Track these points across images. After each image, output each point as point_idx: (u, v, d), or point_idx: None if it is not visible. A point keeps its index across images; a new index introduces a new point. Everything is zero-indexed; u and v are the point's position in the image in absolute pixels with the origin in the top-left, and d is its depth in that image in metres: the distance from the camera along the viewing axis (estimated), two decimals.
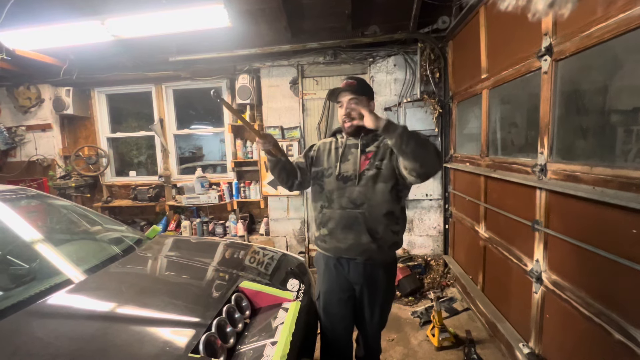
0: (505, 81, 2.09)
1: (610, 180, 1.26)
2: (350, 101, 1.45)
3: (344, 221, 1.46)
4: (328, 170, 1.53)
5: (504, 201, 2.17)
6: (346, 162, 1.50)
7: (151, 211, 4.15)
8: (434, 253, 3.56)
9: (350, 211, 1.45)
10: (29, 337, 1.02)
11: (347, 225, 1.46)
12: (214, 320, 1.19)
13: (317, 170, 1.57)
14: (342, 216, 1.46)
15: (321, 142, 1.66)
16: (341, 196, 1.47)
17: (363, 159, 1.48)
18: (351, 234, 1.46)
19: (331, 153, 1.57)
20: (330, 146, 1.59)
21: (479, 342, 2.31)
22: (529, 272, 1.81)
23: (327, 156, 1.57)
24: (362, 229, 1.44)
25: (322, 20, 3.15)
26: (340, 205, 1.47)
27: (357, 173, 1.46)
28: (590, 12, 1.33)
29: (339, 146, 1.56)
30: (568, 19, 1.47)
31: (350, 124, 1.48)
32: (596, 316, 1.35)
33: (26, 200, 1.89)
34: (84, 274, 1.42)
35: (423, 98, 3.25)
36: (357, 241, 1.45)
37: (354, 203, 1.45)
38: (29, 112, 4.05)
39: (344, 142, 1.55)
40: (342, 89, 1.46)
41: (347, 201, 1.46)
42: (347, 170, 1.48)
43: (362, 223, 1.44)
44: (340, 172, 1.49)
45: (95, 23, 2.61)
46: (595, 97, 1.54)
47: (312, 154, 1.63)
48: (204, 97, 5.05)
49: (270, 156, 1.51)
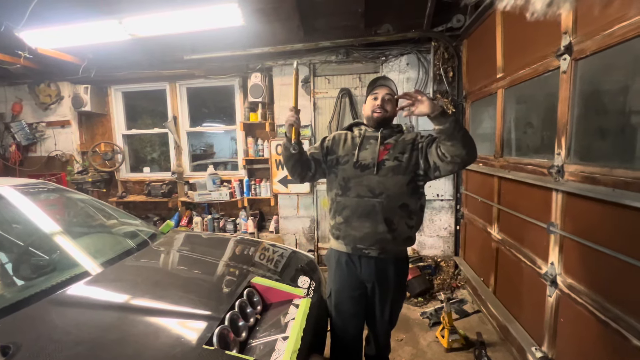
0: (521, 81, 2.05)
1: (632, 183, 1.23)
2: (386, 95, 1.54)
3: (361, 209, 1.46)
4: (344, 157, 1.54)
5: (518, 202, 2.13)
6: (364, 150, 1.52)
7: (164, 207, 4.24)
8: (444, 254, 3.52)
9: (368, 200, 1.45)
10: (51, 324, 1.07)
11: (363, 213, 1.46)
12: (226, 314, 1.22)
13: (332, 158, 1.58)
14: (359, 204, 1.46)
15: (336, 133, 1.67)
16: (358, 184, 1.48)
17: (382, 149, 1.51)
18: (368, 222, 1.45)
19: (347, 142, 1.59)
20: (347, 136, 1.61)
21: (489, 344, 2.28)
22: (543, 275, 1.78)
23: (343, 144, 1.58)
24: (379, 218, 1.44)
25: (334, 18, 3.14)
26: (358, 194, 1.47)
27: (375, 162, 1.47)
28: (612, 10, 1.29)
29: (356, 136, 1.59)
30: (589, 17, 1.44)
31: (380, 113, 1.54)
32: (613, 321, 1.31)
33: (46, 193, 1.96)
34: (101, 266, 1.47)
35: (436, 97, 3.21)
36: (373, 230, 1.45)
37: (372, 192, 1.45)
38: (49, 109, 4.18)
39: (362, 133, 1.58)
40: (382, 82, 1.56)
41: (365, 189, 1.46)
42: (365, 158, 1.50)
43: (380, 212, 1.44)
44: (358, 160, 1.50)
45: (112, 22, 2.68)
46: (617, 98, 1.50)
47: (327, 144, 1.63)
48: (217, 95, 5.13)
49: (289, 137, 1.48)
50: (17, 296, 1.18)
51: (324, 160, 1.60)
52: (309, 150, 1.64)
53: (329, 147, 1.61)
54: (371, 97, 1.57)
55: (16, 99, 4.22)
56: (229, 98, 4.20)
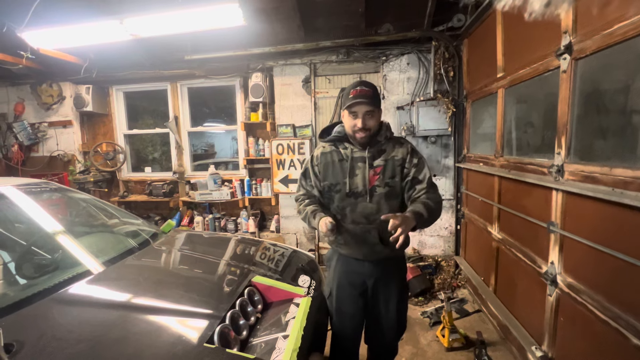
0: (522, 80, 2.05)
1: (631, 182, 1.23)
2: (366, 114, 1.41)
3: (358, 236, 1.50)
4: (336, 186, 1.52)
5: (518, 202, 2.13)
6: (354, 177, 1.49)
7: (165, 206, 4.25)
8: (444, 254, 3.52)
9: (364, 226, 1.49)
10: (54, 322, 1.08)
11: (360, 240, 1.50)
12: (227, 313, 1.23)
13: (325, 184, 1.56)
14: (356, 231, 1.50)
15: (319, 152, 1.59)
16: (353, 211, 1.49)
17: (372, 173, 1.47)
18: (365, 246, 1.51)
19: (335, 165, 1.52)
20: (332, 157, 1.54)
21: (490, 344, 2.28)
22: (543, 274, 1.78)
23: (332, 169, 1.53)
24: (376, 240, 1.49)
25: (335, 18, 3.15)
26: (353, 220, 1.50)
27: (367, 189, 1.46)
28: (612, 9, 1.29)
29: (343, 158, 1.52)
30: (589, 17, 1.44)
31: (364, 136, 1.44)
32: (613, 320, 1.32)
33: (49, 193, 1.97)
34: (103, 265, 1.48)
35: (437, 97, 3.22)
36: (371, 250, 1.51)
37: (367, 219, 1.48)
38: (51, 109, 4.20)
39: (349, 154, 1.50)
40: (358, 99, 1.38)
41: (359, 216, 1.48)
42: (357, 186, 1.48)
43: (377, 235, 1.48)
44: (350, 189, 1.48)
45: (114, 23, 2.69)
46: (617, 97, 1.50)
47: (317, 169, 1.58)
48: (218, 95, 5.13)
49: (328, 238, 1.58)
50: (20, 295, 1.19)
51: (321, 187, 1.58)
52: (309, 183, 1.62)
53: (320, 172, 1.57)
54: (350, 116, 1.44)
55: (18, 99, 4.24)
56: (230, 98, 4.21)
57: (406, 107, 3.39)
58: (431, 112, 3.27)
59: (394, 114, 3.43)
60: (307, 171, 1.62)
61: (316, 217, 1.47)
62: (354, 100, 1.39)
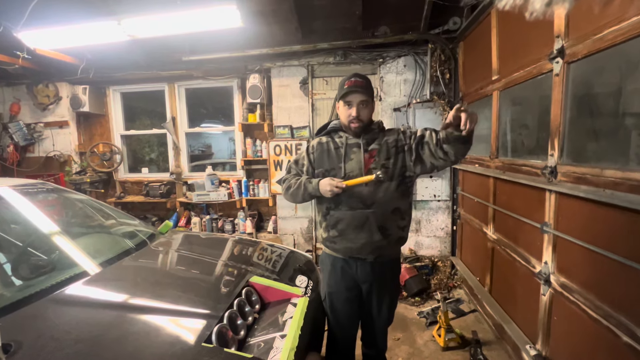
0: (516, 83, 2.08)
1: (621, 183, 1.26)
2: (360, 104, 1.46)
3: (356, 222, 1.47)
4: (331, 171, 1.52)
5: (512, 203, 2.16)
6: (350, 161, 1.50)
7: (162, 207, 4.24)
8: (441, 254, 3.55)
9: (361, 211, 1.46)
10: (51, 323, 1.08)
11: (358, 225, 1.47)
12: (225, 313, 1.23)
13: (319, 171, 1.56)
14: (354, 217, 1.47)
15: (315, 142, 1.63)
16: (350, 196, 1.47)
17: (367, 157, 1.49)
18: (363, 233, 1.47)
19: (331, 152, 1.55)
20: (329, 146, 1.57)
21: (485, 343, 2.31)
22: (537, 274, 1.81)
23: (328, 156, 1.55)
24: (374, 227, 1.46)
25: (332, 20, 3.17)
26: (350, 206, 1.48)
27: (362, 172, 1.47)
28: (602, 14, 1.32)
29: (339, 146, 1.55)
30: (580, 22, 1.47)
31: (358, 126, 1.49)
32: (604, 319, 1.34)
33: (45, 194, 1.96)
34: (100, 266, 1.48)
35: (433, 99, 3.25)
36: (369, 240, 1.47)
37: (364, 203, 1.46)
38: (47, 110, 4.17)
39: (344, 141, 1.54)
40: (352, 88, 1.45)
41: (356, 201, 1.47)
42: (352, 170, 1.49)
43: (374, 222, 1.46)
44: (345, 173, 1.49)
45: (111, 23, 2.69)
46: (608, 100, 1.53)
47: (312, 157, 1.60)
48: (215, 96, 5.13)
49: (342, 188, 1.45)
50: (16, 295, 1.19)
51: (313, 174, 1.58)
52: (301, 167, 1.62)
53: (315, 160, 1.59)
54: (344, 105, 1.50)
55: (14, 99, 4.21)
56: (228, 99, 4.22)
57: (403, 109, 3.42)
58: (427, 114, 3.30)
59: (390, 116, 3.46)
60: (300, 158, 1.65)
61: (313, 182, 1.48)
62: (348, 90, 1.45)
